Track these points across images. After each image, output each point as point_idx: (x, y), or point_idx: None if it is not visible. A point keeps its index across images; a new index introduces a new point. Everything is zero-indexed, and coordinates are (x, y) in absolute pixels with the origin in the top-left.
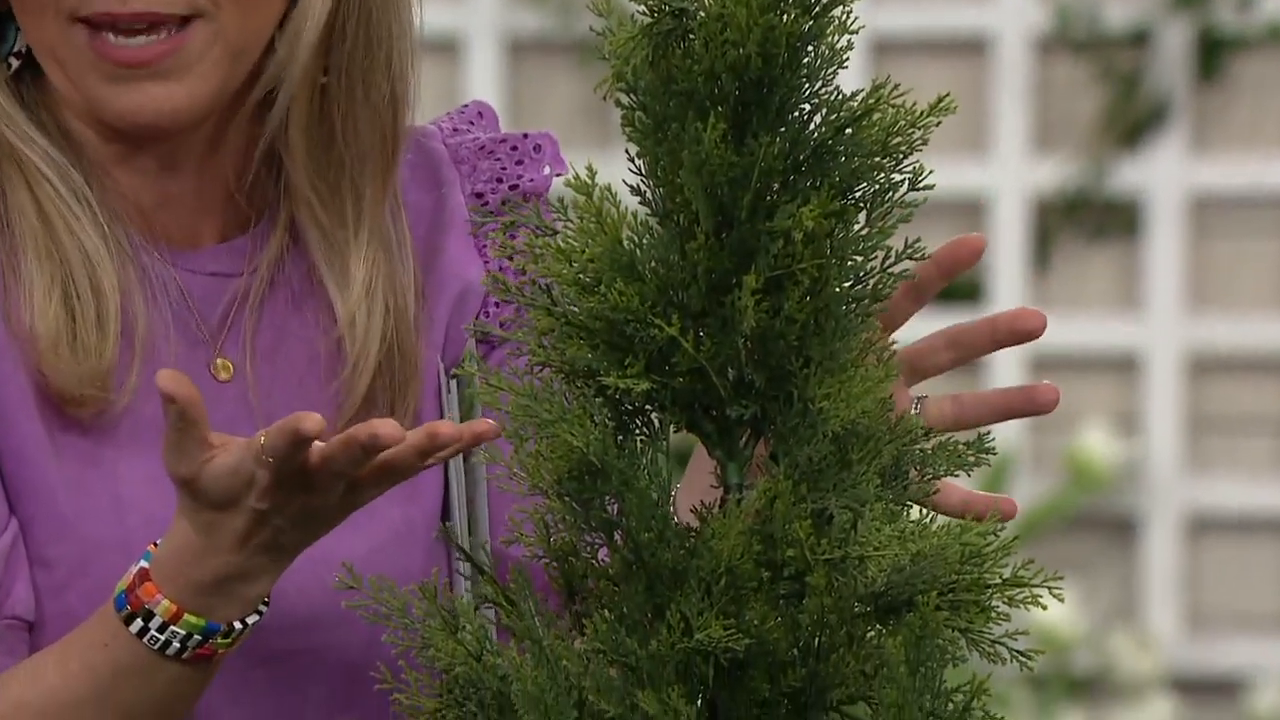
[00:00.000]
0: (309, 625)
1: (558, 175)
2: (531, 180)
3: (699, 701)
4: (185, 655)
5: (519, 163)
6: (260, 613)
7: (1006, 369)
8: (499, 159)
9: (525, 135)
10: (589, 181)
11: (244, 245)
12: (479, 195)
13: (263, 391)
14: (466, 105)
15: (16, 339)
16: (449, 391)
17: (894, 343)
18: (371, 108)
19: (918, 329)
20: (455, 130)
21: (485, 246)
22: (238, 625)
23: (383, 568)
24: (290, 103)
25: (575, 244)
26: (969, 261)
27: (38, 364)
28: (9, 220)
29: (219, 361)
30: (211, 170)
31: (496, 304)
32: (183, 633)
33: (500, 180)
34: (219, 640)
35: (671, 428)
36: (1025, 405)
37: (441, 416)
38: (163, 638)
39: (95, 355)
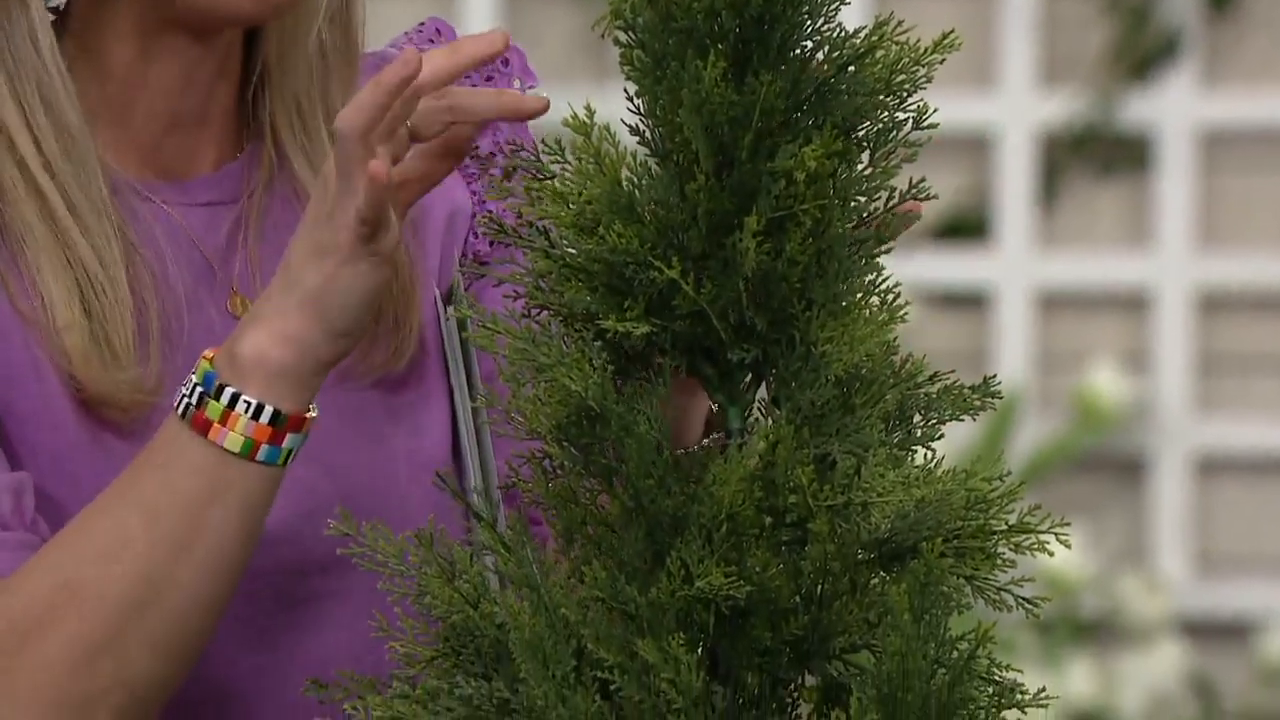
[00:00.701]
0: (328, 567)
1: (529, 88)
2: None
3: (699, 650)
4: (186, 416)
5: (488, 79)
6: (303, 429)
7: (1012, 306)
8: (468, 76)
9: None
10: (587, 121)
11: (238, 170)
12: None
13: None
14: (423, 24)
15: (29, 324)
16: (447, 319)
17: (899, 284)
18: (343, 25)
19: (920, 268)
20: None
21: (467, 166)
22: (228, 393)
23: (395, 503)
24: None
25: (573, 185)
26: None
27: (69, 371)
28: (6, 220)
29: (236, 299)
30: (219, 88)
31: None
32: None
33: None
34: (212, 403)
35: (672, 372)
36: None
37: (441, 344)
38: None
39: (132, 362)
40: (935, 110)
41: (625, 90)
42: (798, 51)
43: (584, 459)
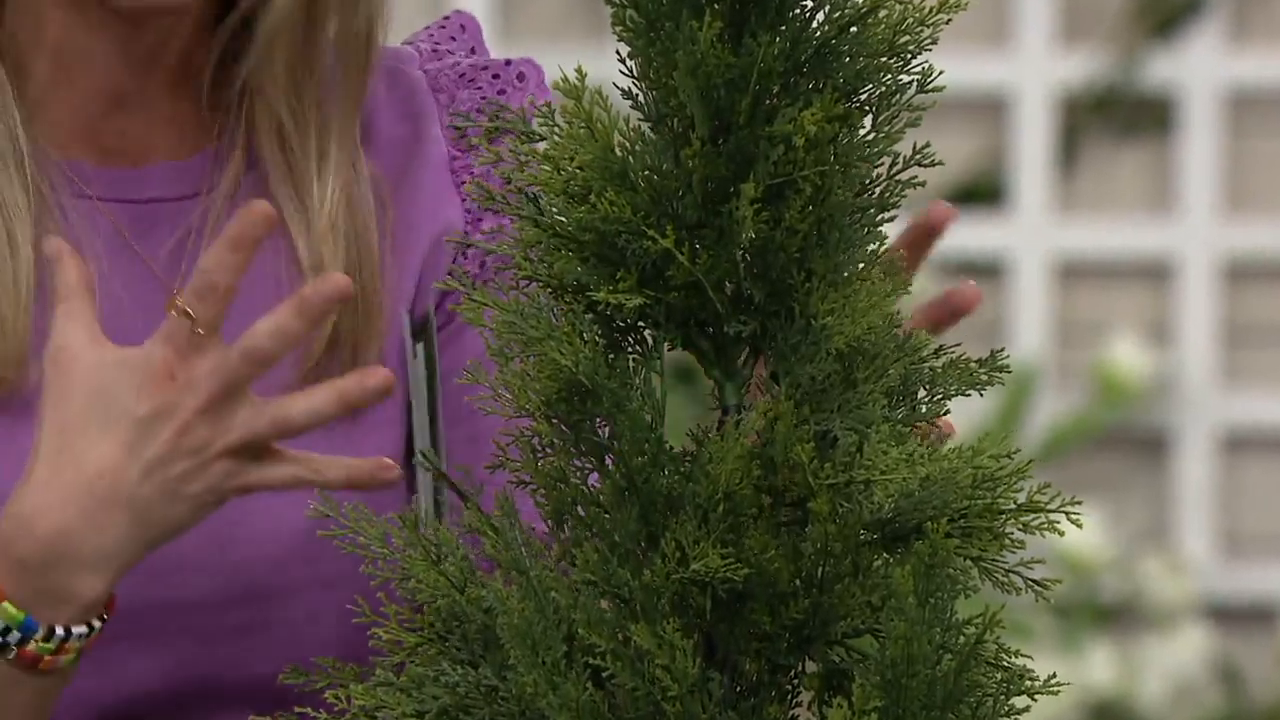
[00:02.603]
0: (249, 599)
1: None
2: (514, 111)
3: (695, 635)
4: (9, 655)
5: (501, 92)
6: (93, 627)
7: (1030, 276)
8: (480, 88)
9: (508, 62)
10: (578, 85)
11: (196, 166)
12: (458, 128)
13: (224, 333)
14: (448, 17)
15: None
16: (414, 356)
17: (901, 254)
18: (348, 29)
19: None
20: (435, 52)
21: (464, 184)
22: (60, 631)
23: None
24: (281, 19)
25: (564, 151)
26: (964, 312)
27: None
28: None
29: (179, 302)
30: (160, 67)
31: (469, 251)
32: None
33: (481, 111)
34: (40, 644)
35: (666, 345)
36: (945, 312)
37: (405, 376)
38: None
39: (10, 335)
40: (941, 73)
41: (618, 52)
42: (797, 11)
43: (574, 436)
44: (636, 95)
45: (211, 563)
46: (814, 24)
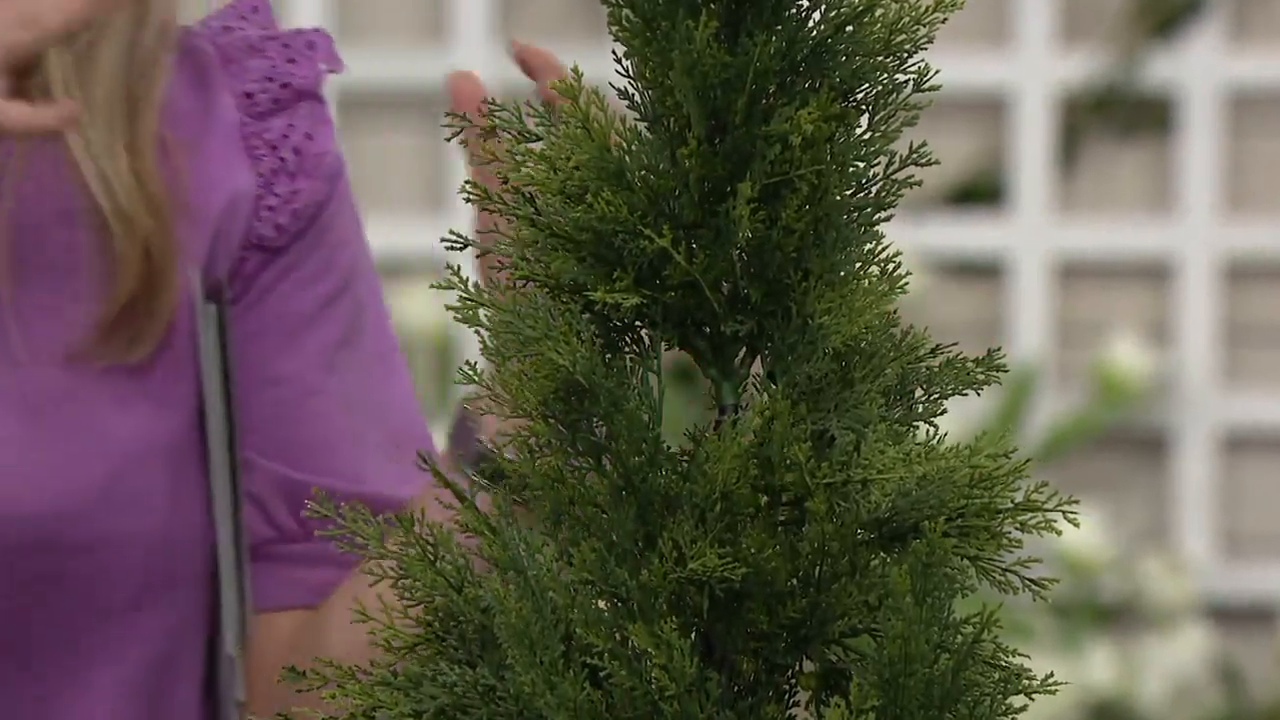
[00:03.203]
0: (50, 549)
1: (332, 72)
2: (304, 77)
3: (693, 635)
4: None
5: (291, 60)
6: None
7: (1029, 276)
8: (269, 56)
9: (299, 31)
10: (575, 84)
11: None
12: (248, 95)
13: (16, 309)
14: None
15: None
16: (205, 321)
17: (899, 253)
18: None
19: (932, 236)
20: (226, 28)
21: (257, 148)
22: None
23: (119, 493)
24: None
25: (560, 150)
26: None
27: None
28: None
29: None
30: None
31: (270, 208)
32: None
33: (271, 79)
34: None
35: (663, 345)
36: None
37: (195, 344)
38: None
39: None
40: (937, 71)
41: (614, 52)
42: (793, 10)
43: (571, 436)
44: (633, 95)
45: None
46: (810, 23)
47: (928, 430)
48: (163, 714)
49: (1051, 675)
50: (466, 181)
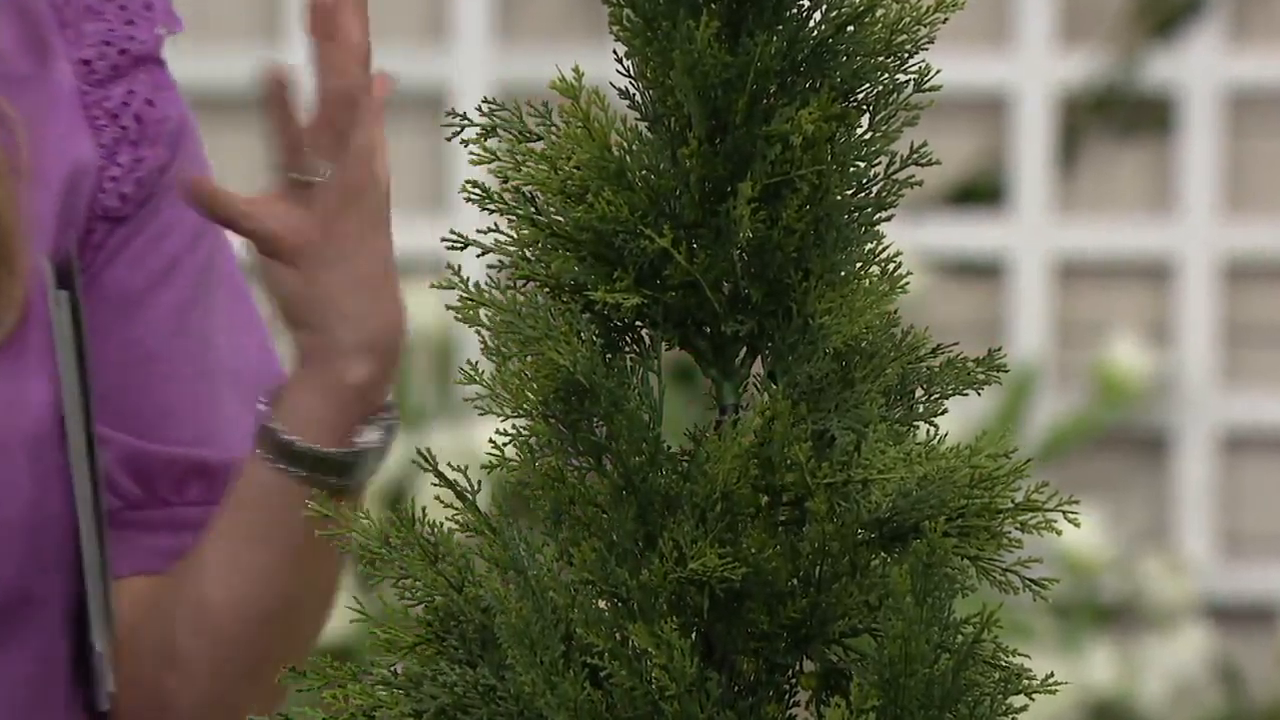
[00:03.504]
0: None
1: (171, 33)
2: (143, 42)
3: (693, 635)
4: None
5: (129, 23)
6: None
7: (1029, 276)
8: (106, 19)
9: None
10: (575, 84)
11: None
12: (86, 62)
13: None
14: None
15: None
16: (57, 304)
17: (900, 253)
18: None
19: (933, 235)
20: None
21: (98, 118)
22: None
23: None
24: None
25: (561, 150)
26: None
27: None
28: None
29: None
30: None
31: (113, 178)
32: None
33: (109, 44)
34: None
35: (663, 345)
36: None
37: (49, 326)
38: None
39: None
40: (938, 72)
41: (615, 52)
42: (794, 10)
43: (572, 436)
44: (634, 95)
45: None
46: (811, 23)
47: (928, 430)
48: (39, 713)
49: (1051, 675)
50: (467, 181)
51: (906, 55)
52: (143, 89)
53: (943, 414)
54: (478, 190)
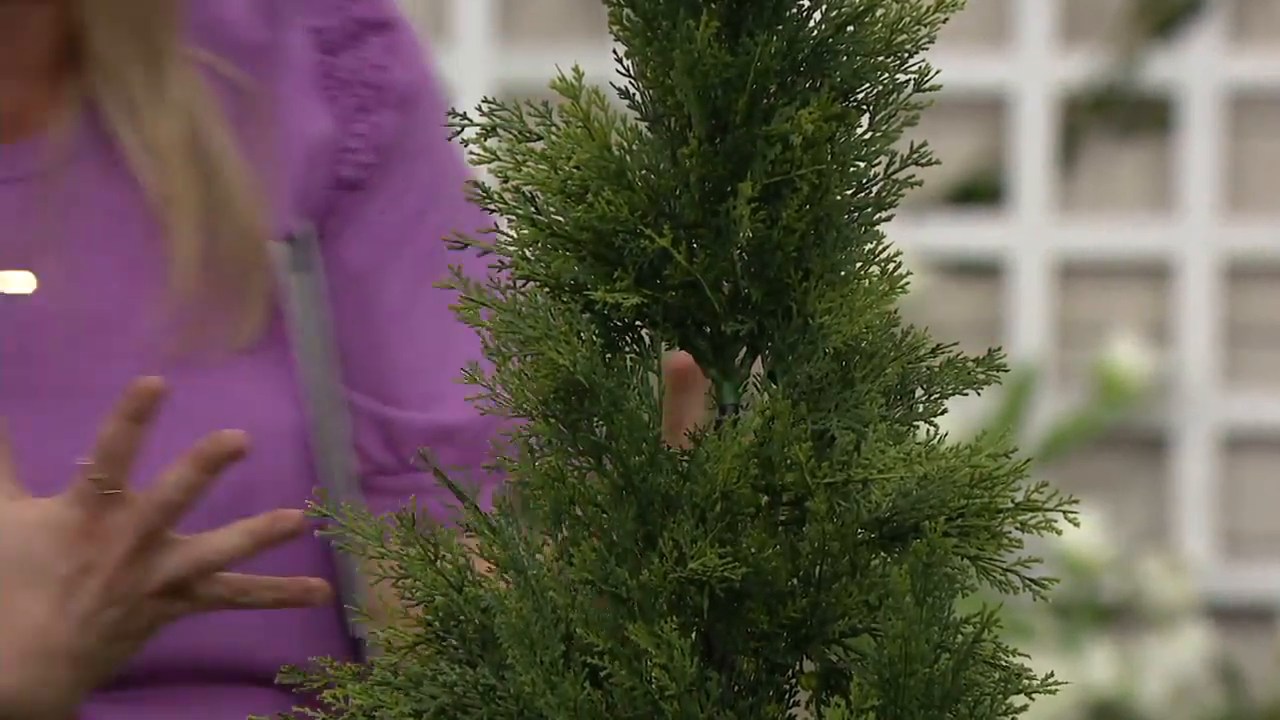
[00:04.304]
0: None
1: None
2: (370, 5)
3: (693, 634)
4: None
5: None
6: None
7: (1029, 276)
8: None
9: None
10: (575, 84)
11: (38, 142)
12: (317, 30)
13: (74, 302)
14: None
15: None
16: (298, 288)
17: (900, 253)
18: None
19: (933, 235)
20: None
21: (330, 88)
22: None
23: (260, 483)
24: None
25: (561, 150)
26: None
27: None
28: None
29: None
30: (22, 34)
31: (350, 149)
32: None
33: (338, 8)
34: None
35: (663, 345)
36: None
37: (289, 315)
38: None
39: None
40: (938, 72)
41: (615, 52)
42: (794, 10)
43: (572, 436)
44: (634, 95)
45: None
46: (811, 23)
47: (928, 430)
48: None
49: (1051, 675)
50: (467, 181)
51: (906, 55)
52: (373, 53)
53: (943, 414)
54: (478, 190)
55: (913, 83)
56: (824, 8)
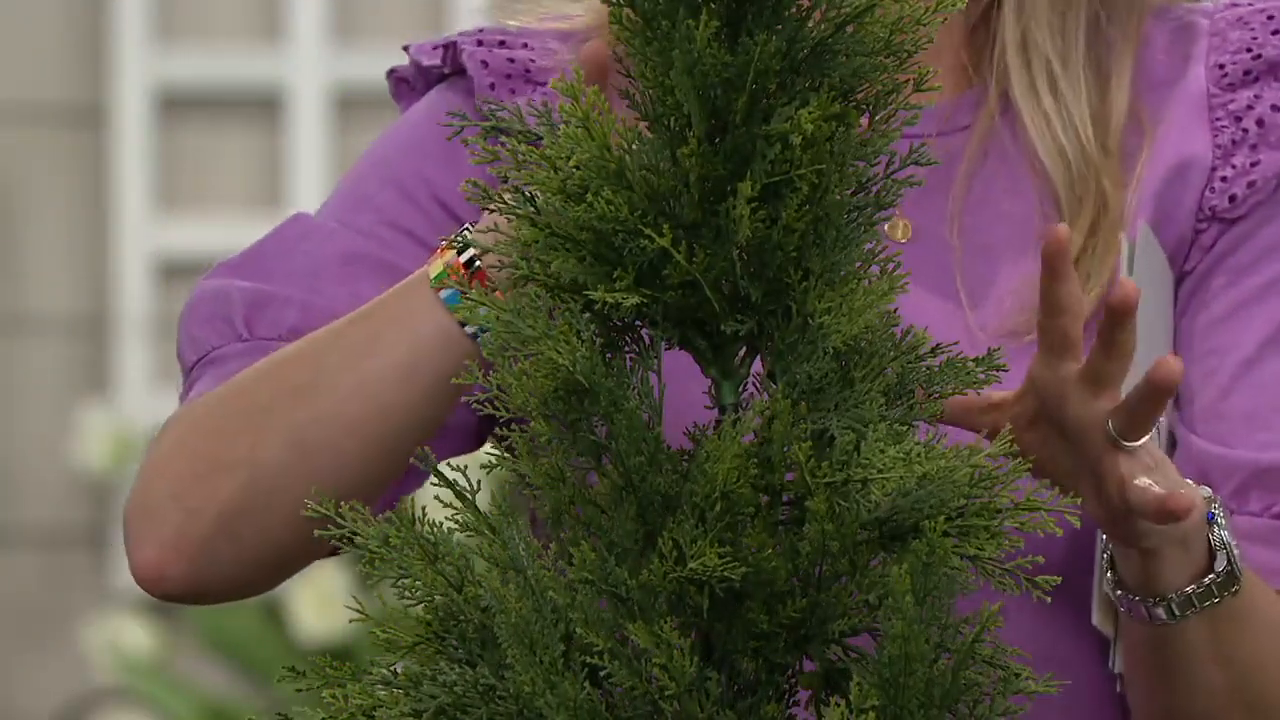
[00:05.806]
0: None
1: None
2: (1276, 49)
3: (693, 634)
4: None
5: (1275, 32)
6: None
7: None
8: (1252, 28)
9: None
10: (575, 84)
11: (960, 105)
12: (1220, 66)
13: (963, 257)
14: None
15: None
16: (1129, 274)
17: (899, 252)
18: None
19: None
20: (1233, 3)
21: (1219, 119)
22: None
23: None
24: None
25: (561, 150)
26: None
27: None
28: None
29: (899, 221)
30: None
31: (1224, 178)
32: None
33: (1248, 50)
34: None
35: (663, 345)
36: (1150, 392)
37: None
38: None
39: None
40: (937, 72)
41: (615, 52)
42: (793, 10)
43: (571, 436)
44: (633, 95)
45: None
46: (810, 23)
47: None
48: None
49: (1051, 675)
50: (468, 181)
51: (906, 55)
52: (1270, 94)
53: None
54: (478, 190)
55: (912, 83)
56: (824, 8)
